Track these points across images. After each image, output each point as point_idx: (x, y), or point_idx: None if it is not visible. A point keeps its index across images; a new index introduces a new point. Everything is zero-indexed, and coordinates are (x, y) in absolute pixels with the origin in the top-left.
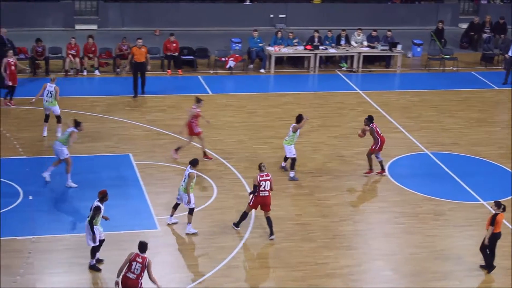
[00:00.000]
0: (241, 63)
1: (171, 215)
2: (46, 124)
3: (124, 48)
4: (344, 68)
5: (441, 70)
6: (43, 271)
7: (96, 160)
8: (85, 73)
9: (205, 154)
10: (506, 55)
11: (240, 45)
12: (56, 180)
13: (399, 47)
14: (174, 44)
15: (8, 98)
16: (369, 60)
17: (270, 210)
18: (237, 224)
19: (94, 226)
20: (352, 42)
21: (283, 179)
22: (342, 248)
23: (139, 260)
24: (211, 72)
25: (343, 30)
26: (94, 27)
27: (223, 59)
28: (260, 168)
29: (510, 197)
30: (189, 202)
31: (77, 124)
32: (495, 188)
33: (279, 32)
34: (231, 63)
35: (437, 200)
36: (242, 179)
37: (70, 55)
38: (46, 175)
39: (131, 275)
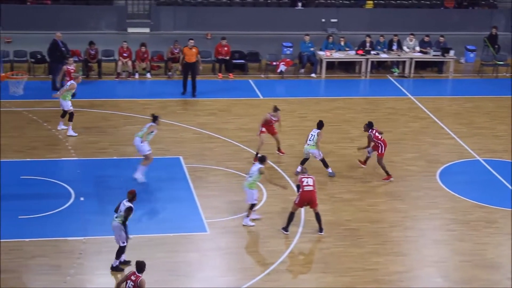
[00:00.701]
0: (292, 68)
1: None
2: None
3: (175, 51)
4: (395, 74)
5: (494, 76)
6: (92, 272)
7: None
8: (136, 76)
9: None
10: None
11: (291, 49)
12: (107, 182)
13: (451, 52)
14: (225, 48)
15: None
16: (421, 66)
17: (317, 205)
18: (286, 228)
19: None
20: (404, 47)
21: (334, 184)
22: (391, 254)
23: (133, 278)
24: (262, 76)
25: (395, 35)
26: (147, 30)
27: (274, 63)
28: (302, 170)
29: None
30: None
31: (154, 118)
32: None
33: (330, 37)
34: (282, 67)
35: (489, 208)
36: (292, 183)
37: (122, 58)
38: (139, 176)
39: None
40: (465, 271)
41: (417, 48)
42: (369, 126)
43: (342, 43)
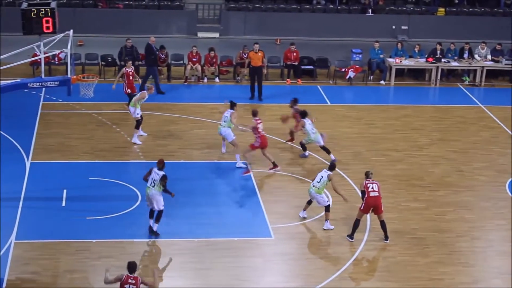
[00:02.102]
0: (361, 74)
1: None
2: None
3: (244, 56)
4: (466, 82)
5: None
6: (159, 273)
7: (213, 166)
8: (205, 80)
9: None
10: None
11: (360, 56)
12: (174, 185)
13: None
14: (294, 54)
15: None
16: (492, 75)
17: (383, 213)
18: (351, 235)
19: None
20: (476, 56)
21: (401, 192)
22: (458, 265)
23: (132, 281)
24: (331, 82)
25: (466, 43)
26: (216, 35)
27: (343, 69)
28: (367, 175)
29: None
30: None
31: (232, 105)
32: None
33: (400, 44)
34: (351, 73)
35: None
36: (358, 191)
37: (191, 63)
38: (240, 163)
39: None
40: None
41: (489, 57)
42: (295, 102)
43: (417, 50)
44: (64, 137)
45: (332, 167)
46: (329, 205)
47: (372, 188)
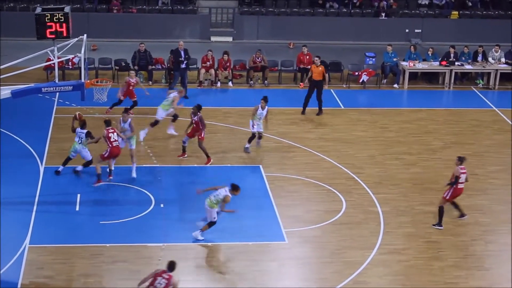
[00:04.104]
0: (374, 78)
1: None
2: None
3: (258, 60)
4: (480, 85)
5: None
6: None
7: (227, 170)
8: (218, 84)
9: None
10: None
11: (374, 59)
12: (187, 189)
13: None
14: (307, 57)
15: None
16: (507, 77)
17: None
18: (439, 223)
19: None
20: (489, 59)
21: (415, 196)
22: (473, 269)
23: (165, 276)
24: (344, 86)
25: (480, 46)
26: (229, 39)
27: (356, 73)
28: (461, 160)
29: None
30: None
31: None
32: None
33: (413, 47)
34: (364, 77)
35: None
36: (372, 194)
37: (204, 67)
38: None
39: None
40: None
41: (503, 60)
42: (198, 108)
43: (430, 54)
44: None
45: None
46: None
47: (463, 180)
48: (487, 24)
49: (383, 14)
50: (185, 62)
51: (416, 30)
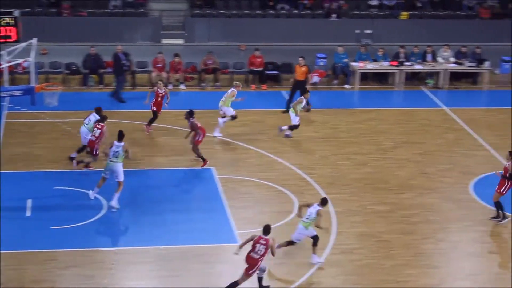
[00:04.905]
0: (325, 79)
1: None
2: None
3: (209, 62)
4: (429, 85)
5: None
6: (125, 282)
7: (179, 173)
8: (170, 87)
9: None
10: None
11: (325, 60)
12: (139, 193)
13: (486, 63)
14: (259, 59)
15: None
16: (456, 77)
17: None
18: (504, 216)
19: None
20: (439, 58)
21: (367, 195)
22: (424, 267)
23: (263, 242)
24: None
25: (429, 46)
26: (181, 41)
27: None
28: None
29: None
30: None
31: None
32: None
33: (363, 47)
34: (315, 78)
35: None
36: (324, 194)
37: (156, 70)
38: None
39: (254, 255)
40: (499, 284)
41: (451, 59)
42: (190, 114)
43: (380, 54)
44: (29, 147)
45: (324, 202)
46: (316, 238)
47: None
48: (436, 25)
49: (334, 15)
50: (126, 65)
51: (366, 31)
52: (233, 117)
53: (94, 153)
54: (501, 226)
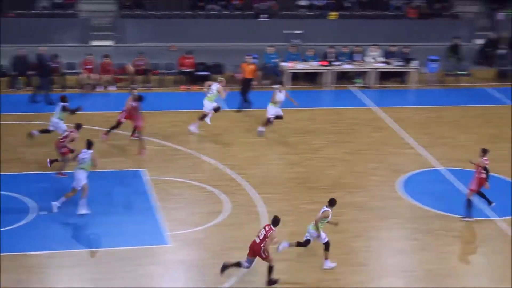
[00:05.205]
0: (256, 79)
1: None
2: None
3: (140, 63)
4: (358, 84)
5: (456, 86)
6: (57, 286)
7: (109, 175)
8: (101, 88)
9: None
10: None
11: (256, 60)
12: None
13: (414, 63)
14: (189, 60)
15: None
16: (385, 76)
17: None
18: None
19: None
20: (367, 58)
21: (298, 195)
22: (354, 265)
23: (266, 228)
24: (227, 88)
25: (357, 46)
26: (111, 43)
27: (237, 75)
28: (484, 152)
29: None
30: (319, 237)
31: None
32: (508, 204)
33: (293, 48)
34: None
35: (451, 217)
36: (256, 194)
37: (85, 71)
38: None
39: (256, 239)
40: (428, 280)
41: (379, 59)
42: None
43: (311, 54)
44: None
45: (332, 203)
46: (328, 244)
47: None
48: (365, 24)
49: (264, 16)
50: (50, 67)
51: (296, 31)
52: (216, 109)
53: (61, 151)
54: (431, 224)
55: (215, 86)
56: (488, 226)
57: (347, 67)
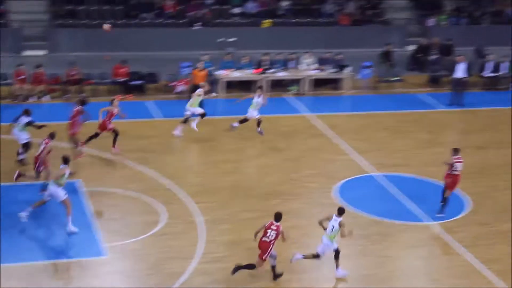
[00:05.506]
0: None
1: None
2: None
3: (73, 73)
4: (292, 91)
5: (390, 92)
6: None
7: (45, 187)
8: (34, 99)
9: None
10: (453, 77)
11: (190, 69)
12: (12, 208)
13: (348, 69)
14: (123, 70)
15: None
16: (319, 83)
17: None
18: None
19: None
20: (301, 65)
21: (235, 203)
22: (292, 272)
23: (274, 228)
24: (160, 96)
25: (291, 53)
26: (43, 52)
27: (173, 83)
28: (456, 151)
29: (457, 217)
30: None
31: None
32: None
33: (228, 56)
34: (180, 87)
35: (387, 222)
36: (192, 203)
37: (18, 82)
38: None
39: (266, 239)
40: (365, 285)
41: (313, 66)
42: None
43: (246, 62)
44: None
45: (341, 212)
46: (338, 252)
47: (458, 168)
48: (298, 32)
49: (198, 24)
50: None
51: (230, 39)
52: (202, 115)
53: (37, 169)
54: (367, 229)
55: (197, 90)
56: (422, 231)
57: (281, 74)
